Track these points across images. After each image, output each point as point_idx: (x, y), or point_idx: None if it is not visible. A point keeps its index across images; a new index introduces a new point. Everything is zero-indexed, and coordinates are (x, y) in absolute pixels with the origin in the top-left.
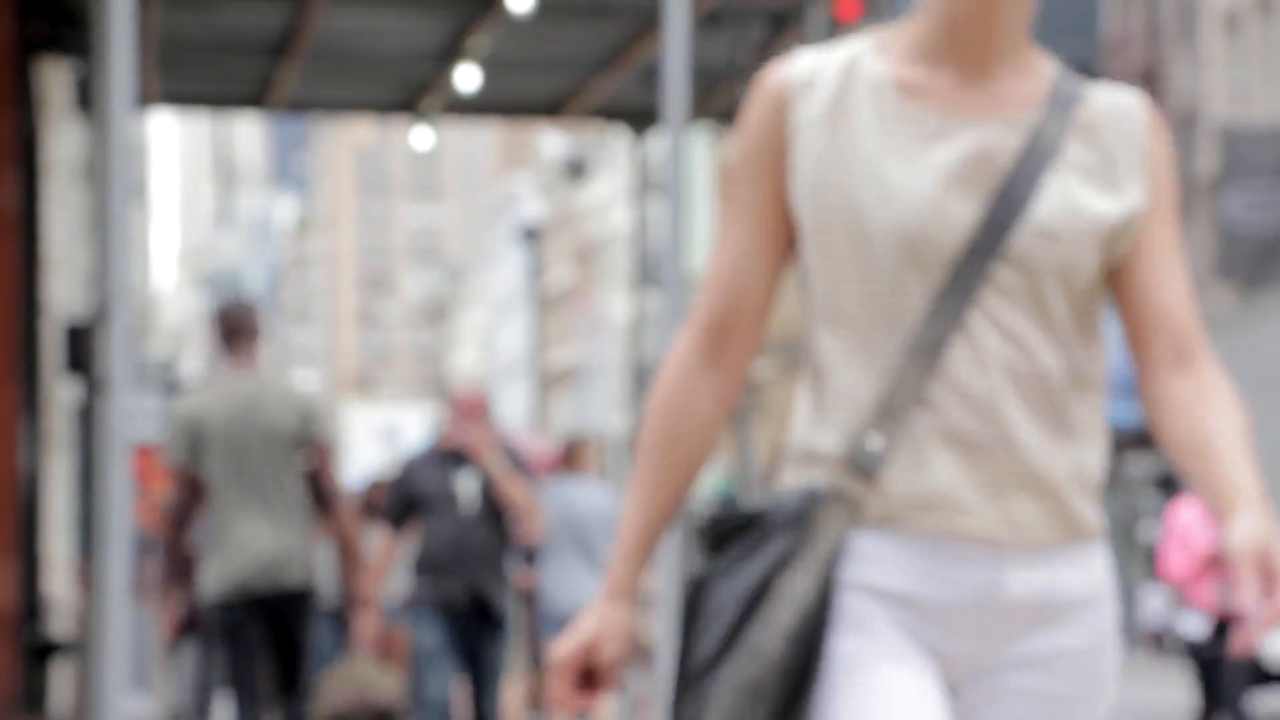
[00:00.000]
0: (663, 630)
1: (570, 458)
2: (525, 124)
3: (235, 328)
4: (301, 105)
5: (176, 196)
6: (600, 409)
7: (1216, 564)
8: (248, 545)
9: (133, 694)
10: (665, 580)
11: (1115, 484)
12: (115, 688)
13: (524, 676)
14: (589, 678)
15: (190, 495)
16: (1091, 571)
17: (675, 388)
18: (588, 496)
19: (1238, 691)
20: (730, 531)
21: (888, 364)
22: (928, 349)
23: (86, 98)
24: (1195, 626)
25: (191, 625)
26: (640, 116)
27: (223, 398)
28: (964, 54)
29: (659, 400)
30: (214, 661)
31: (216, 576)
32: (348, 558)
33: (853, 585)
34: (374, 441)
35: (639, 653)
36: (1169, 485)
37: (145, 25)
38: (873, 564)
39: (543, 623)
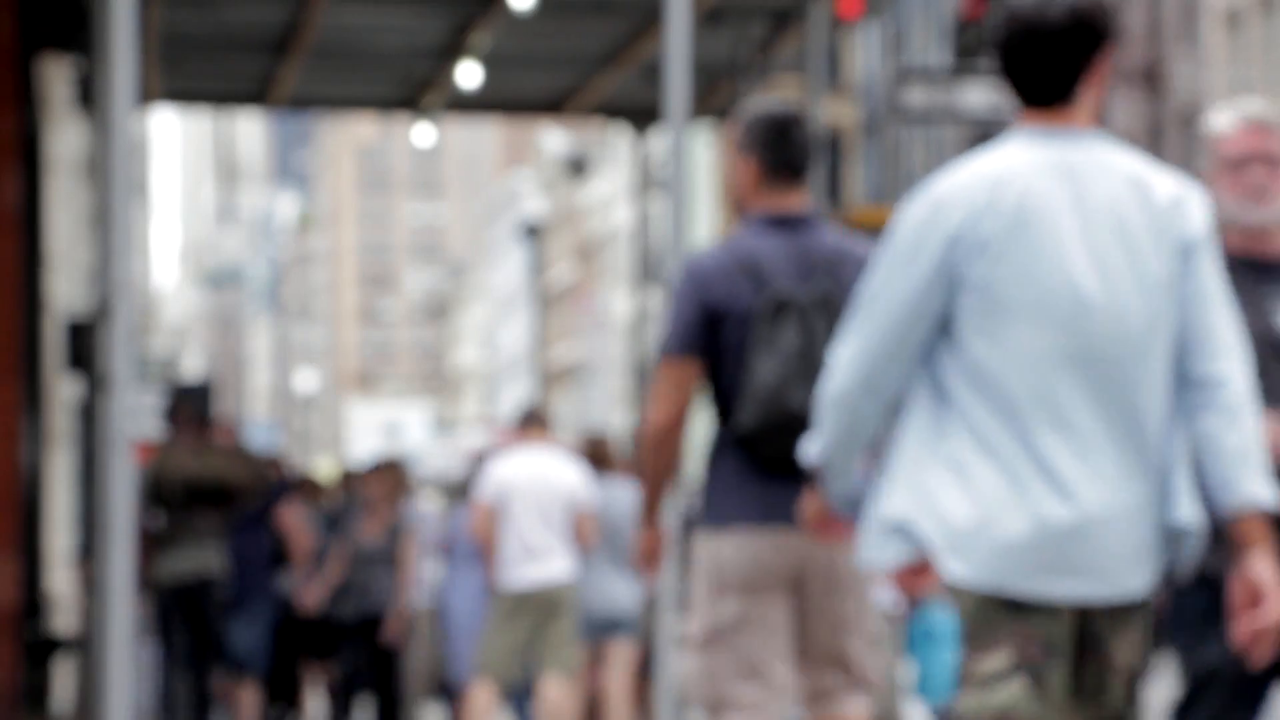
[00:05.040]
0: (666, 627)
1: (597, 458)
2: (527, 121)
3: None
4: (303, 102)
5: (178, 193)
6: (602, 406)
7: None
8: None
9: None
10: (667, 575)
11: None
12: (117, 684)
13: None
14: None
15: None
16: None
17: None
18: (621, 497)
19: None
20: None
21: None
22: None
23: (88, 95)
24: None
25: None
26: (642, 114)
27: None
28: None
29: None
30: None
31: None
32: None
33: None
34: (375, 438)
35: None
36: None
37: (147, 22)
38: None
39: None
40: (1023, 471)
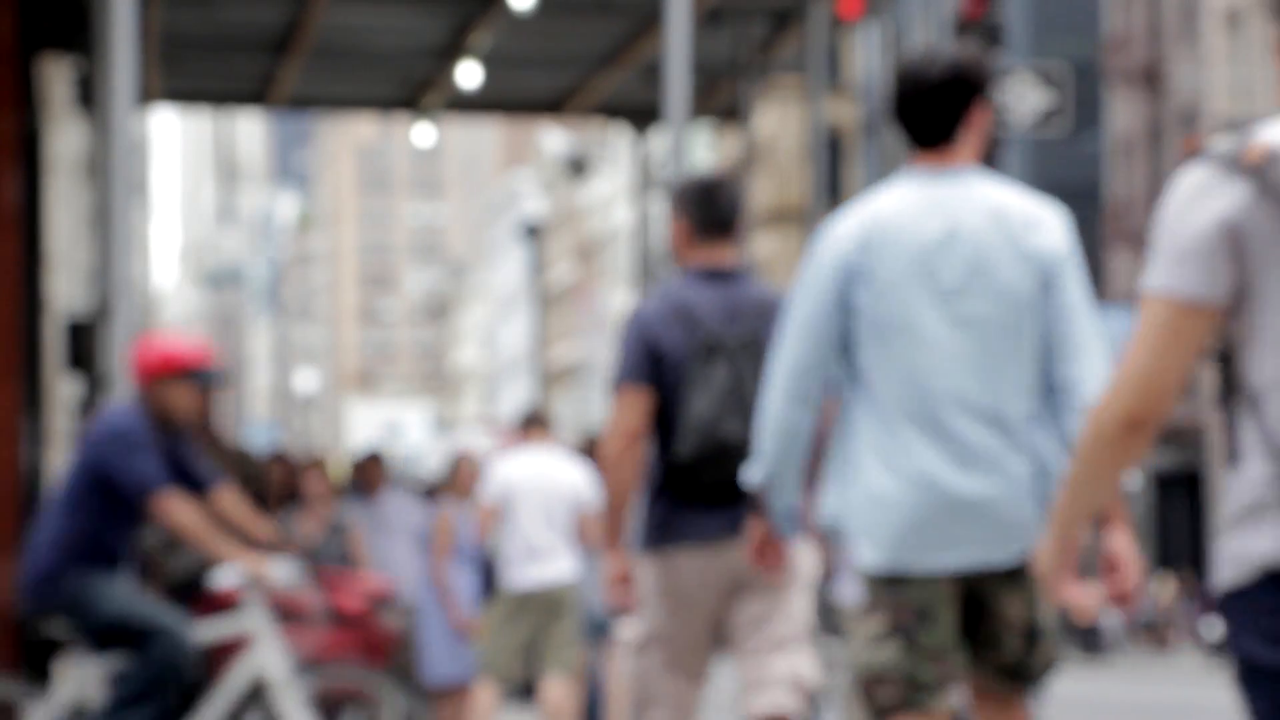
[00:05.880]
0: None
1: (597, 457)
2: (527, 121)
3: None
4: (303, 102)
5: (178, 193)
6: (602, 406)
7: None
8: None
9: None
10: None
11: None
12: None
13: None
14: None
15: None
16: None
17: None
18: None
19: None
20: None
21: None
22: None
23: (88, 95)
24: None
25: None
26: (642, 114)
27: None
28: None
29: None
30: None
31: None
32: None
33: None
34: (374, 438)
35: None
36: (1165, 482)
37: (147, 22)
38: None
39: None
40: (905, 467)
